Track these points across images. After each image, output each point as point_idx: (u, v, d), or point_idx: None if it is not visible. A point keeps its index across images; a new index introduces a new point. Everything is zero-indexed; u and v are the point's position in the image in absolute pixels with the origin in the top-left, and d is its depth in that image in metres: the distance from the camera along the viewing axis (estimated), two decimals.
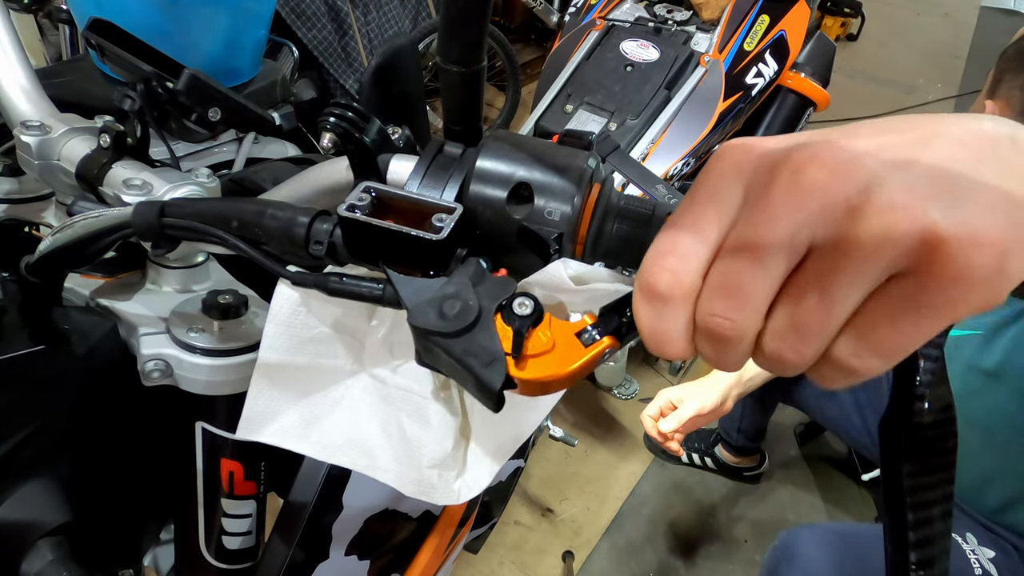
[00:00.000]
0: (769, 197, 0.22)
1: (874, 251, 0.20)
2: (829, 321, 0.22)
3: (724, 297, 0.23)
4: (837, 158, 0.21)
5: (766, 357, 0.23)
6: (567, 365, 0.27)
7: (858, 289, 0.21)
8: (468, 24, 0.32)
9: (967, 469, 1.00)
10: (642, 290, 0.24)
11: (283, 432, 0.40)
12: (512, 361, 0.27)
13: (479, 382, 0.27)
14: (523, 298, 0.29)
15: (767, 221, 0.22)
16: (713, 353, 0.24)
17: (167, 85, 0.45)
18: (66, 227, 0.40)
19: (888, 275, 0.21)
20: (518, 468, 0.88)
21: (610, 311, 0.28)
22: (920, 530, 0.28)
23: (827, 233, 0.21)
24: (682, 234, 0.24)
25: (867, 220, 0.21)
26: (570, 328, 0.28)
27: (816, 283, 0.21)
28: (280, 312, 0.38)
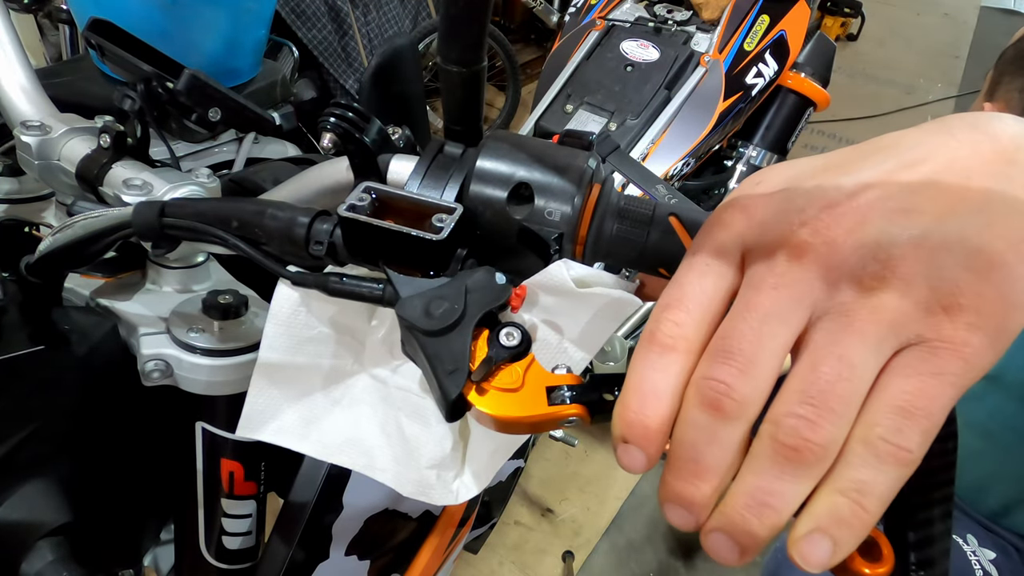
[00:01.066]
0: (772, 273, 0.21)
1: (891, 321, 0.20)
2: (853, 386, 0.20)
3: (725, 361, 0.21)
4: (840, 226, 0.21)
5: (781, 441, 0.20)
6: (525, 411, 0.26)
7: (877, 354, 0.20)
8: (468, 24, 0.32)
9: (968, 471, 1.00)
10: (644, 340, 0.23)
11: (283, 431, 0.40)
12: (472, 385, 0.27)
13: (439, 386, 0.27)
14: (514, 329, 0.28)
15: (771, 290, 0.21)
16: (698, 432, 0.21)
17: (167, 85, 0.45)
18: (66, 227, 0.40)
19: (902, 346, 0.20)
20: (518, 468, 0.88)
21: (599, 382, 0.27)
22: (920, 530, 0.28)
23: (834, 303, 0.21)
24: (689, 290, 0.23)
25: (877, 295, 0.20)
26: (546, 379, 0.27)
27: (830, 348, 0.20)
28: (280, 312, 0.38)
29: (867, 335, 0.20)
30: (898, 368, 0.20)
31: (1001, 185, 0.21)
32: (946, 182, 0.21)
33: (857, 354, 0.20)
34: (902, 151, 0.23)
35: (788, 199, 0.23)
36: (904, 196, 0.21)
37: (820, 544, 0.20)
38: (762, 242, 0.22)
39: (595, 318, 0.34)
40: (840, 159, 0.24)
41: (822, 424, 0.20)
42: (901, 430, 0.20)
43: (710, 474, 0.21)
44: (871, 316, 0.20)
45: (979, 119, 0.24)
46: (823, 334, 0.21)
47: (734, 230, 0.23)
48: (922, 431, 0.20)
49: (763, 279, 0.22)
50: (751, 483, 0.21)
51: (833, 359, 0.20)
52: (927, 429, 0.20)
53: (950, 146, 0.22)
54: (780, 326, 0.21)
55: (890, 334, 0.20)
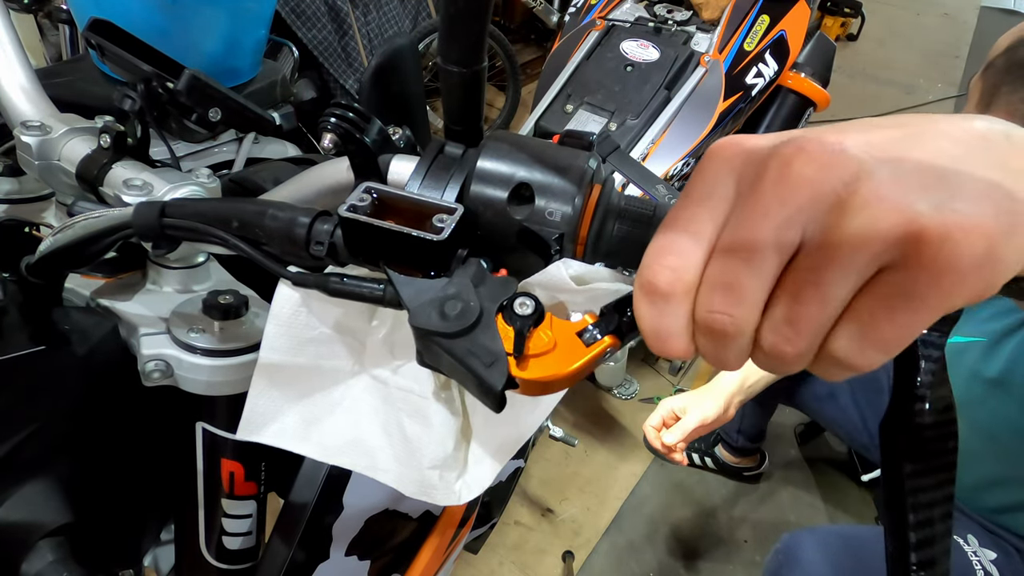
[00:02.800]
0: (759, 192, 0.22)
1: (861, 244, 0.21)
2: (823, 314, 0.22)
3: (722, 293, 0.23)
4: (825, 151, 0.22)
5: (764, 352, 0.23)
6: (569, 364, 0.27)
7: (849, 281, 0.21)
8: (468, 24, 0.32)
9: (971, 473, 1.00)
10: (643, 288, 0.24)
11: (283, 433, 0.40)
12: (514, 361, 0.27)
13: (481, 383, 0.27)
14: (524, 298, 0.29)
15: (758, 217, 0.22)
16: (713, 349, 0.24)
17: (167, 85, 0.45)
18: (66, 227, 0.40)
19: (878, 267, 0.21)
20: (518, 468, 0.88)
21: (611, 310, 0.28)
22: (921, 531, 0.28)
23: (817, 226, 0.21)
24: (679, 233, 0.24)
25: (854, 213, 0.21)
26: (571, 328, 0.28)
27: (808, 277, 0.22)
28: (281, 312, 0.38)
29: (843, 263, 0.21)
30: (872, 290, 0.21)
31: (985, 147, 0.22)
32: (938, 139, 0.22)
33: (833, 282, 0.21)
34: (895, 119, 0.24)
35: (779, 136, 0.24)
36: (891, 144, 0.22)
37: None
38: (749, 171, 0.23)
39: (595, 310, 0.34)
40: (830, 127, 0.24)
41: (800, 344, 0.22)
42: (862, 350, 0.22)
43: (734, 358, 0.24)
44: (847, 243, 0.21)
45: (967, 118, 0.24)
46: (805, 259, 0.22)
47: (723, 157, 0.24)
48: (884, 354, 0.22)
49: (752, 208, 0.23)
50: None
51: (811, 286, 0.22)
52: (889, 352, 0.22)
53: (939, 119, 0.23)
54: (769, 252, 0.22)
55: (866, 260, 0.21)
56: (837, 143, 0.22)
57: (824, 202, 0.21)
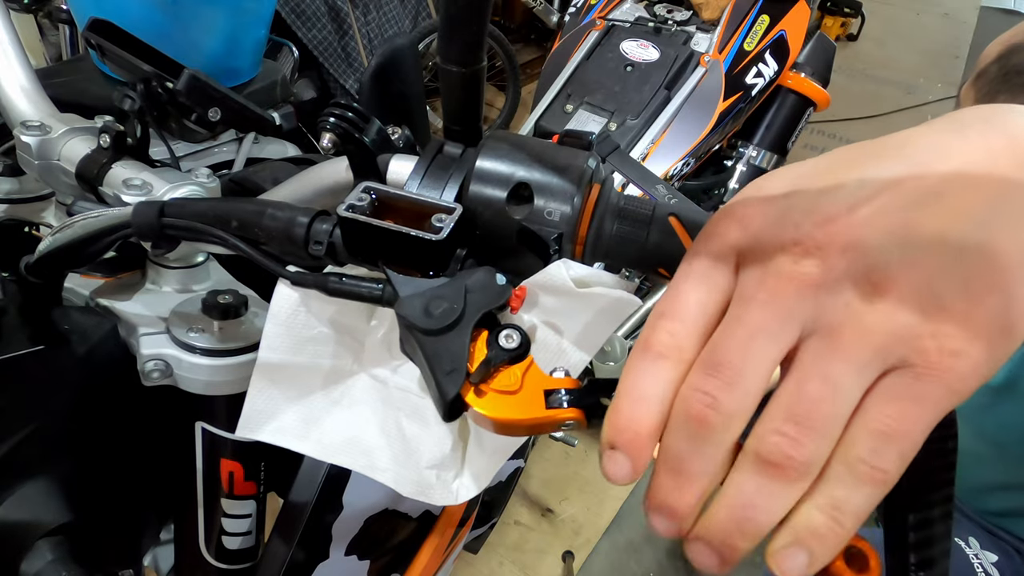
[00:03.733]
0: (762, 286, 0.21)
1: (876, 345, 0.20)
2: (836, 406, 0.20)
3: (712, 374, 0.21)
4: (834, 244, 0.20)
5: (764, 458, 0.21)
6: (522, 413, 0.26)
7: (860, 379, 0.20)
8: (468, 24, 0.32)
9: (975, 477, 1.00)
10: (639, 347, 0.23)
11: (282, 431, 0.40)
12: (471, 387, 0.27)
13: (437, 386, 0.27)
14: (513, 332, 0.28)
15: (761, 306, 0.21)
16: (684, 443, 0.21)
17: (167, 85, 0.45)
18: (66, 227, 0.40)
19: (888, 368, 0.20)
20: (518, 468, 0.88)
21: (596, 388, 0.27)
22: (920, 531, 0.28)
23: (823, 323, 0.21)
24: (684, 301, 0.23)
25: (869, 313, 0.20)
26: (543, 382, 0.27)
27: (815, 369, 0.20)
28: (280, 312, 0.38)
29: (853, 357, 0.20)
30: (881, 391, 0.20)
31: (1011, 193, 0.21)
32: (951, 191, 0.21)
33: (842, 375, 0.20)
34: (909, 156, 0.22)
35: (786, 209, 0.22)
36: (905, 210, 0.20)
37: (796, 556, 0.21)
38: (756, 254, 0.22)
39: (595, 318, 0.33)
40: (843, 160, 0.23)
41: (804, 443, 0.20)
42: (879, 452, 0.20)
43: (693, 484, 0.21)
44: (859, 337, 0.20)
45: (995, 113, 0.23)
46: (811, 353, 0.21)
47: (729, 239, 0.23)
48: (900, 453, 0.20)
49: (754, 293, 0.22)
50: (734, 496, 0.21)
51: (819, 379, 0.20)
52: (905, 451, 0.20)
53: (962, 149, 0.22)
54: (768, 342, 0.21)
55: (876, 356, 0.20)
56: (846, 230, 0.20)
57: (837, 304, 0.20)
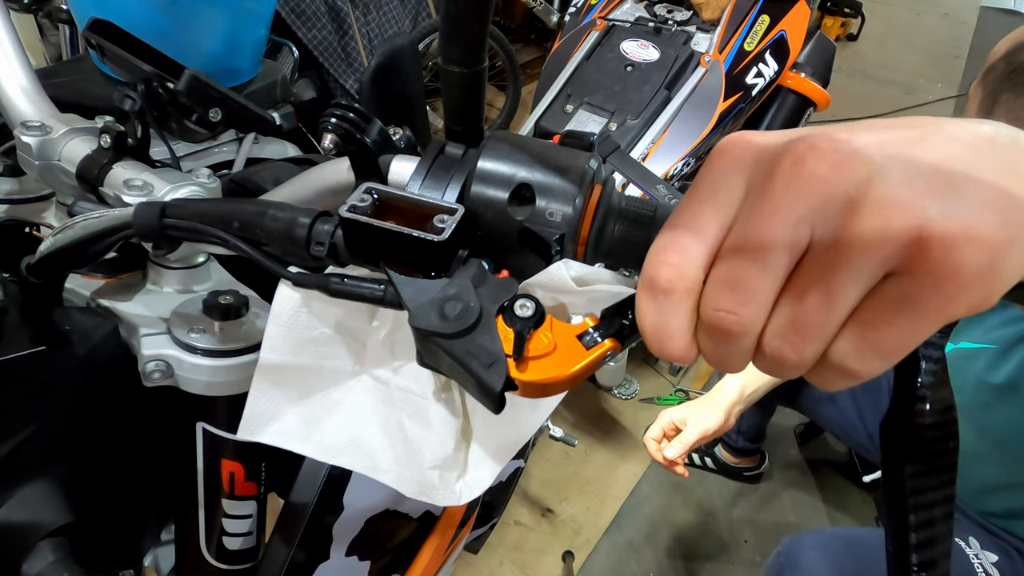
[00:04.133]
0: (770, 190, 0.22)
1: (872, 247, 0.21)
2: (829, 319, 0.22)
3: (730, 292, 0.22)
4: (837, 149, 0.21)
5: (767, 357, 0.23)
6: (568, 367, 0.27)
7: (856, 286, 0.21)
8: (469, 25, 0.32)
9: (978, 477, 1.00)
10: (644, 285, 0.24)
11: (284, 433, 0.40)
12: (513, 363, 0.27)
13: (480, 383, 0.27)
14: (524, 300, 0.29)
15: (770, 215, 0.22)
16: (717, 350, 0.24)
17: (167, 85, 0.45)
18: (67, 228, 0.40)
19: (885, 272, 0.21)
20: (518, 468, 0.88)
21: (612, 313, 0.28)
22: (922, 531, 0.28)
23: (827, 227, 0.21)
24: (683, 230, 0.24)
25: (864, 216, 0.21)
26: (572, 330, 0.28)
27: (817, 280, 0.21)
28: (281, 313, 0.38)
29: (852, 267, 0.21)
30: (874, 294, 0.21)
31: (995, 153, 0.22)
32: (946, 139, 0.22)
33: (841, 287, 0.21)
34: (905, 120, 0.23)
35: (789, 133, 0.23)
36: (902, 145, 0.22)
37: None
38: (760, 168, 0.23)
39: (596, 312, 0.34)
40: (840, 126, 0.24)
41: (804, 349, 0.22)
42: (863, 357, 0.22)
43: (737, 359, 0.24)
44: (858, 247, 0.21)
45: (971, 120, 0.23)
46: (813, 261, 0.22)
47: (732, 154, 0.24)
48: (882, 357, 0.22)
49: (763, 205, 0.22)
50: None
51: (819, 291, 0.21)
52: (888, 355, 0.22)
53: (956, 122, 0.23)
54: (779, 252, 0.22)
55: (876, 265, 0.21)
56: (849, 141, 0.22)
57: (836, 202, 0.21)
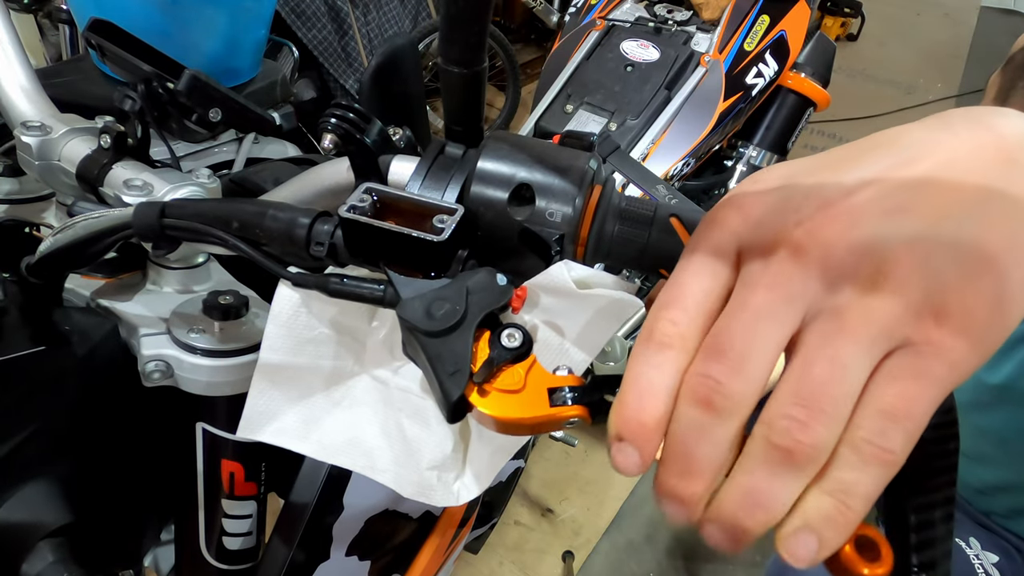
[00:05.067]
0: (767, 273, 0.21)
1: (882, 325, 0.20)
2: (844, 386, 0.20)
3: (717, 359, 0.21)
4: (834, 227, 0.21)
5: (773, 442, 0.21)
6: (526, 412, 0.26)
7: (867, 357, 0.20)
8: (469, 25, 0.32)
9: (979, 478, 1.00)
10: (642, 337, 0.23)
11: (283, 432, 0.40)
12: (475, 387, 0.27)
13: (440, 387, 0.27)
14: (515, 331, 0.28)
15: (765, 290, 0.21)
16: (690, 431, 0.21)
17: (167, 85, 0.45)
18: (67, 228, 0.40)
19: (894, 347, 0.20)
20: (518, 468, 0.88)
21: (598, 384, 0.27)
22: (922, 532, 0.28)
23: (827, 305, 0.21)
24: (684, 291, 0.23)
25: (869, 299, 0.20)
26: (547, 380, 0.27)
27: (822, 349, 0.20)
28: (281, 313, 0.38)
29: (859, 337, 0.20)
30: (886, 371, 0.20)
31: (1000, 185, 0.21)
32: (944, 181, 0.21)
33: (848, 356, 0.20)
34: (901, 148, 0.23)
35: (784, 198, 0.23)
36: (900, 195, 0.21)
37: (806, 541, 0.21)
38: (757, 241, 0.22)
39: (596, 319, 0.33)
40: (838, 156, 0.24)
41: (813, 426, 0.20)
42: (885, 432, 0.20)
43: (702, 471, 0.22)
44: (863, 318, 0.20)
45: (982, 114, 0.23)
46: (816, 335, 0.21)
47: (730, 228, 0.23)
48: (905, 433, 0.20)
49: (758, 278, 0.22)
50: (743, 483, 0.21)
51: (825, 361, 0.20)
52: (910, 431, 0.20)
53: (950, 143, 0.22)
54: (773, 325, 0.21)
55: (881, 337, 0.20)
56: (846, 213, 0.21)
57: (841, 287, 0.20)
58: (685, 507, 0.22)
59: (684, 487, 0.22)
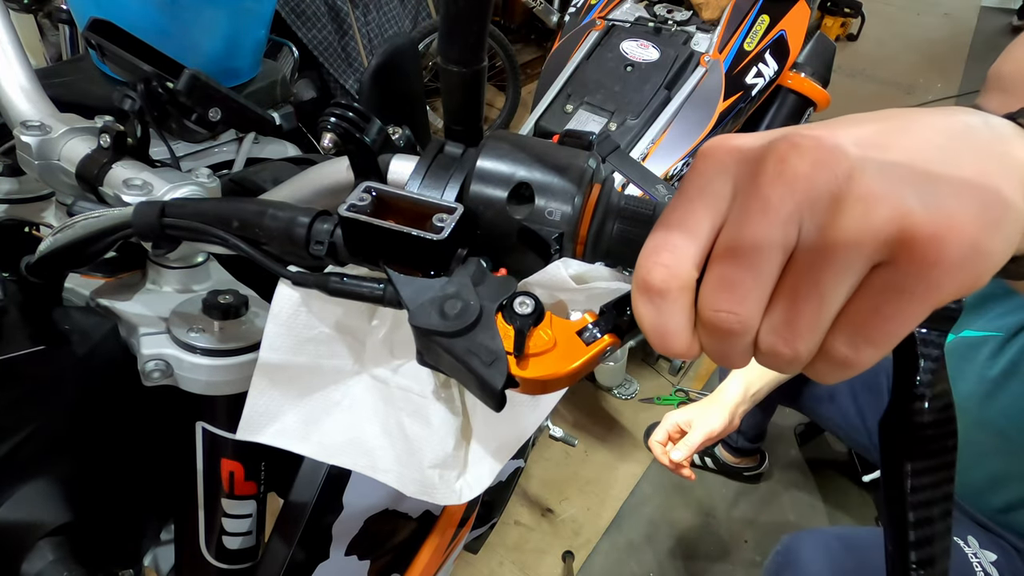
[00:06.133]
0: (757, 190, 0.23)
1: (857, 243, 0.21)
2: (821, 315, 0.22)
3: (727, 292, 0.23)
4: (818, 147, 0.22)
5: (763, 353, 0.23)
6: (569, 363, 0.27)
7: (846, 281, 0.22)
8: (468, 24, 0.32)
9: (977, 470, 1.00)
10: (639, 287, 0.24)
11: (283, 433, 0.40)
12: (514, 360, 0.27)
13: (481, 382, 0.27)
14: (524, 297, 0.29)
15: (759, 214, 0.22)
16: (719, 348, 0.24)
17: (167, 85, 0.45)
18: (66, 227, 0.40)
19: (872, 264, 0.22)
20: (518, 468, 0.88)
21: (611, 309, 0.28)
22: (920, 529, 0.28)
23: (813, 224, 0.22)
24: (674, 230, 0.24)
25: (847, 212, 0.21)
26: (571, 327, 0.28)
27: (807, 278, 0.22)
28: (281, 312, 0.38)
29: (839, 263, 0.21)
30: (865, 286, 0.22)
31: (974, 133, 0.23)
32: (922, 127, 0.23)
33: (831, 282, 0.22)
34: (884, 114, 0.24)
35: (771, 135, 0.24)
36: (881, 136, 0.22)
37: None
38: (745, 168, 0.23)
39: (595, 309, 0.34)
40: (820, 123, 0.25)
41: (799, 345, 0.23)
42: (857, 347, 0.22)
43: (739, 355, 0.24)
44: (843, 243, 0.21)
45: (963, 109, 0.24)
46: (803, 258, 0.22)
47: (716, 156, 0.24)
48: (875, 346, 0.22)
49: (751, 205, 0.23)
50: None
51: (810, 287, 0.22)
52: (880, 344, 0.22)
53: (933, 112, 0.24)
54: (772, 251, 0.22)
55: (862, 259, 0.21)
56: (829, 138, 0.22)
57: (821, 199, 0.21)
58: None
59: None
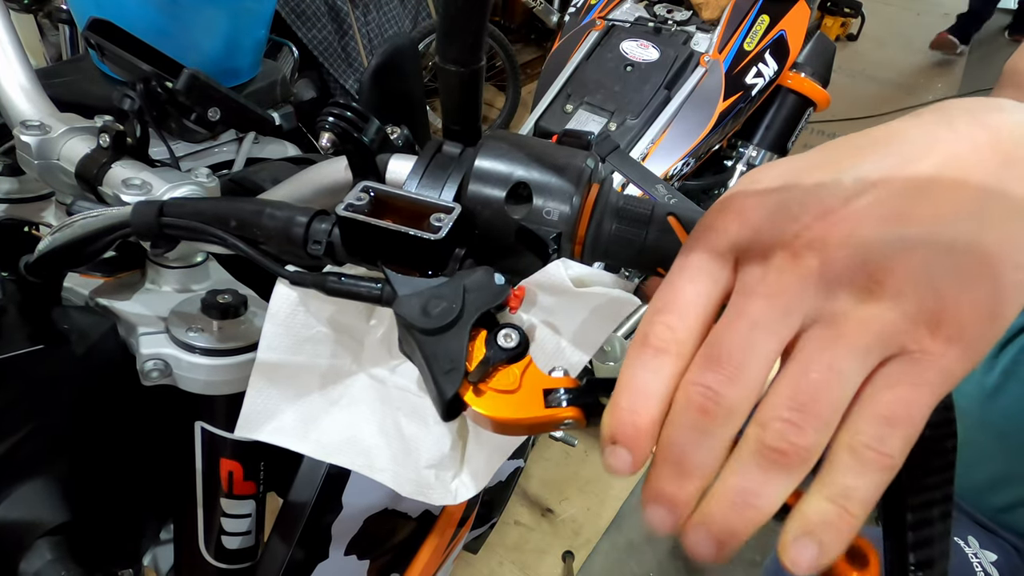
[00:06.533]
0: (765, 282, 0.22)
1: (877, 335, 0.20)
2: (838, 393, 0.20)
3: (713, 368, 0.21)
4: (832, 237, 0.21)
5: (767, 445, 0.21)
6: (521, 413, 0.26)
7: (862, 364, 0.21)
8: (467, 24, 0.32)
9: (978, 471, 1.00)
10: (637, 341, 0.23)
11: (281, 431, 0.40)
12: (470, 386, 0.27)
13: (435, 385, 0.27)
14: (511, 331, 0.28)
15: (763, 299, 0.21)
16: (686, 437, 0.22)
17: (167, 85, 0.45)
18: (65, 227, 0.40)
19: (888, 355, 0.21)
20: (517, 468, 0.88)
21: (594, 387, 0.27)
22: (919, 531, 0.28)
23: (825, 313, 0.21)
24: (680, 295, 0.23)
25: (866, 307, 0.20)
26: (543, 381, 0.27)
27: (818, 356, 0.21)
28: (279, 312, 0.38)
29: (855, 345, 0.20)
30: (882, 378, 0.21)
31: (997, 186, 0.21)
32: (942, 183, 0.21)
33: (845, 362, 0.21)
34: (899, 146, 0.23)
35: (782, 203, 0.23)
36: (897, 201, 0.21)
37: (808, 547, 0.21)
38: (755, 247, 0.22)
39: (593, 318, 0.33)
40: (835, 154, 0.24)
41: (807, 429, 0.20)
42: (883, 438, 0.20)
43: (695, 475, 0.22)
44: (860, 326, 0.20)
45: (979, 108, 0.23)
46: (813, 342, 0.21)
47: (728, 233, 0.23)
48: (903, 437, 0.21)
49: (755, 286, 0.22)
50: (736, 483, 0.21)
51: (822, 366, 0.21)
52: (908, 435, 0.21)
53: (948, 141, 0.22)
54: (770, 334, 0.21)
55: (877, 344, 0.20)
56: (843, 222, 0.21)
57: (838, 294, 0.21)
58: (674, 510, 0.22)
59: (675, 490, 0.22)
